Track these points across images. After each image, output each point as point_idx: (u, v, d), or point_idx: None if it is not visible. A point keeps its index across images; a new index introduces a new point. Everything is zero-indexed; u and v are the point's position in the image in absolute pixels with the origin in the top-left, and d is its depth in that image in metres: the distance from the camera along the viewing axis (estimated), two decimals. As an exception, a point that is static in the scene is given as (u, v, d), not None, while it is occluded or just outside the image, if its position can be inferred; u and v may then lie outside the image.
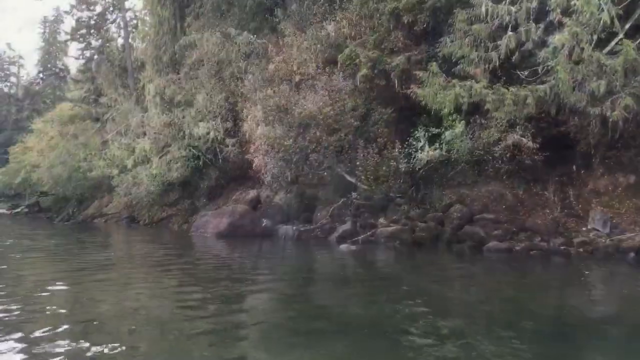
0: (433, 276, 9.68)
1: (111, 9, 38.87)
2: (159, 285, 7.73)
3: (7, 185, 54.03)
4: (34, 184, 44.84)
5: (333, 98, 16.76)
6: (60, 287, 7.38)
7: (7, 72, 76.82)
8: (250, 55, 23.52)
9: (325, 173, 17.15)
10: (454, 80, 12.79)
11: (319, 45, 20.04)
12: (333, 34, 19.70)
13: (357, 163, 16.32)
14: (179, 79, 25.50)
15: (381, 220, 15.42)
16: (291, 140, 16.02)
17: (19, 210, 44.19)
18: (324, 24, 20.44)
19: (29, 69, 78.02)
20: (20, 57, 78.99)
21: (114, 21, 39.91)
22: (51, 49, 74.14)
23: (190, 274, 9.43)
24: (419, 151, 15.10)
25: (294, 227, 16.41)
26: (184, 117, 24.26)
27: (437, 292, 7.79)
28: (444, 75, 13.22)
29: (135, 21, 38.53)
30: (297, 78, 19.26)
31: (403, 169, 15.51)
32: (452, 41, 14.01)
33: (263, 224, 17.40)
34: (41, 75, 74.86)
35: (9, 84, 77.31)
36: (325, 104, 16.20)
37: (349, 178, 16.51)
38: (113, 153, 29.49)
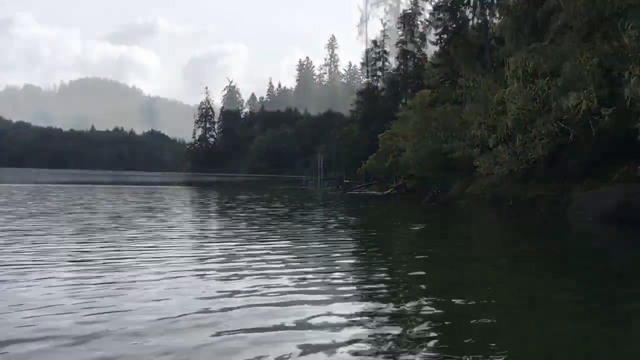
0: None
1: (467, -12, 39.12)
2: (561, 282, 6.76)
3: (377, 169, 60.84)
4: (401, 166, 49.00)
5: None
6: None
7: (374, 67, 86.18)
8: (627, 8, 20.23)
9: None
10: None
11: None
12: None
13: None
14: (541, 49, 23.71)
15: None
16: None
17: (389, 191, 48.75)
18: None
19: (391, 61, 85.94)
20: (385, 52, 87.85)
21: (468, 2, 40.07)
22: (409, 40, 79.97)
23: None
24: None
25: None
26: (549, 89, 22.45)
27: None
28: None
29: (491, -2, 37.82)
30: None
31: None
32: None
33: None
34: (402, 66, 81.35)
35: (375, 77, 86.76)
36: None
37: None
38: (473, 133, 29.54)
